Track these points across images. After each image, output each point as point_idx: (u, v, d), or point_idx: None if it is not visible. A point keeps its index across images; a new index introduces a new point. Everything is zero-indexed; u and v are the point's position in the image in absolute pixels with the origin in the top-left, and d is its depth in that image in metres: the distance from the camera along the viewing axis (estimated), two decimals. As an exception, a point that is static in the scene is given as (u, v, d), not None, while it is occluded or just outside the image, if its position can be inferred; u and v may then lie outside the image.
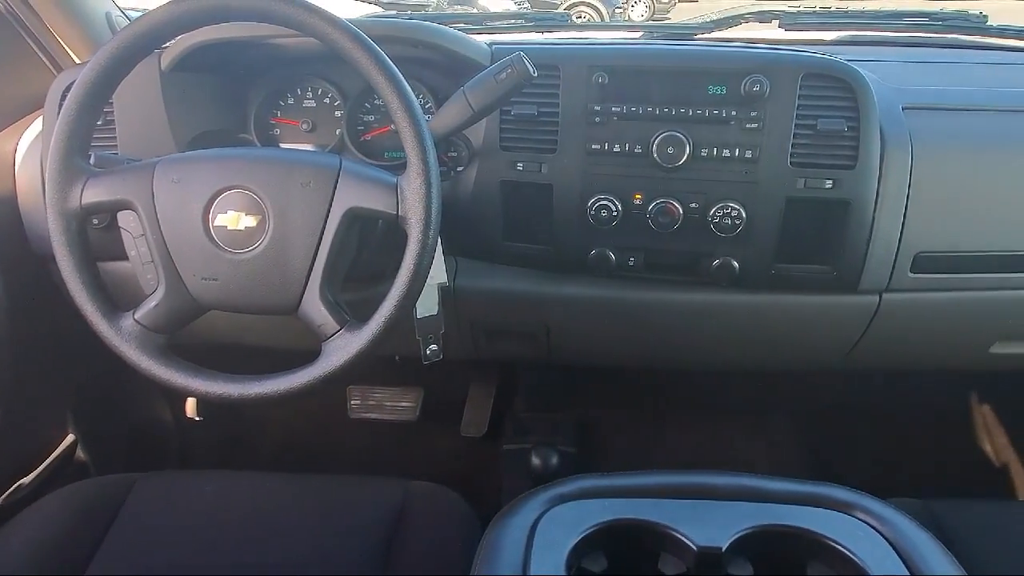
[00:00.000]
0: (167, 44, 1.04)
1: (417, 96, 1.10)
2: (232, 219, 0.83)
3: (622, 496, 0.71)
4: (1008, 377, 1.50)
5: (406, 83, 0.81)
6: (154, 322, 0.86)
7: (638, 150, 0.99)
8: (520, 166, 1.03)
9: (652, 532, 0.67)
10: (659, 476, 0.72)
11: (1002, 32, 1.32)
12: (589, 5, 9.74)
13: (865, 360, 1.18)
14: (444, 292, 1.05)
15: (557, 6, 9.80)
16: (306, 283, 0.84)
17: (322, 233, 0.83)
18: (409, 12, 2.08)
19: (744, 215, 0.97)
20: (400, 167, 0.83)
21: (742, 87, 0.96)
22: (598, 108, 0.99)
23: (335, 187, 0.82)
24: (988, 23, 1.36)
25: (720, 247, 1.01)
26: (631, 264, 1.04)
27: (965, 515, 0.96)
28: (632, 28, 1.51)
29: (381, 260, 0.98)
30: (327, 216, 0.82)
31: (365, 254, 0.97)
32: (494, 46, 1.06)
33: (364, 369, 1.66)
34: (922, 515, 0.96)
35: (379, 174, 0.84)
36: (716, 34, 1.49)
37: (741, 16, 1.50)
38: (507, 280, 1.12)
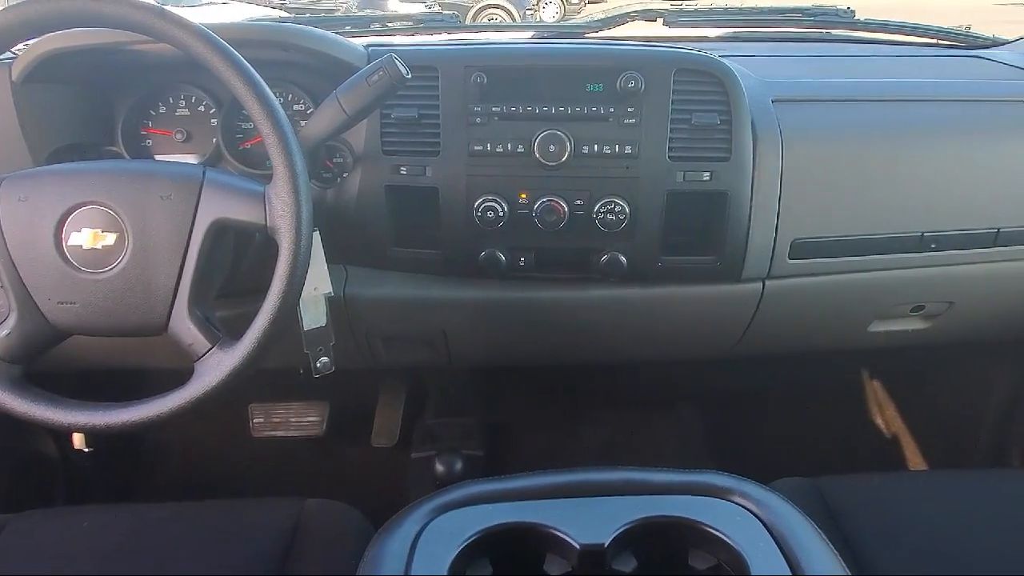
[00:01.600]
0: (15, 54, 0.97)
1: (296, 101, 1.08)
2: (88, 237, 0.78)
3: (508, 500, 0.70)
4: (891, 352, 1.57)
5: (266, 87, 0.78)
6: (7, 352, 0.80)
7: (520, 149, 0.98)
8: (404, 170, 1.01)
9: (536, 534, 0.66)
10: (545, 477, 0.72)
11: (866, 25, 1.38)
12: (500, 7, 9.79)
13: (756, 345, 1.22)
14: (333, 302, 1.02)
15: (468, 8, 9.80)
16: (173, 301, 0.80)
17: (187, 248, 0.79)
18: (309, 15, 2.03)
19: (628, 210, 0.98)
20: None
21: (618, 84, 0.97)
22: (478, 108, 0.99)
23: (198, 199, 0.79)
24: (856, 17, 1.43)
25: (607, 242, 1.02)
26: (522, 264, 1.04)
27: (851, 490, 1.00)
28: (523, 29, 1.52)
29: (262, 272, 0.94)
30: (191, 230, 0.79)
31: (244, 267, 0.94)
32: (370, 48, 1.04)
33: (266, 386, 1.60)
34: (810, 493, 0.99)
35: (245, 184, 0.81)
36: (604, 33, 1.51)
37: (627, 14, 1.53)
38: (399, 286, 1.10)
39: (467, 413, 1.58)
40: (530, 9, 9.97)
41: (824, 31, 1.45)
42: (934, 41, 1.42)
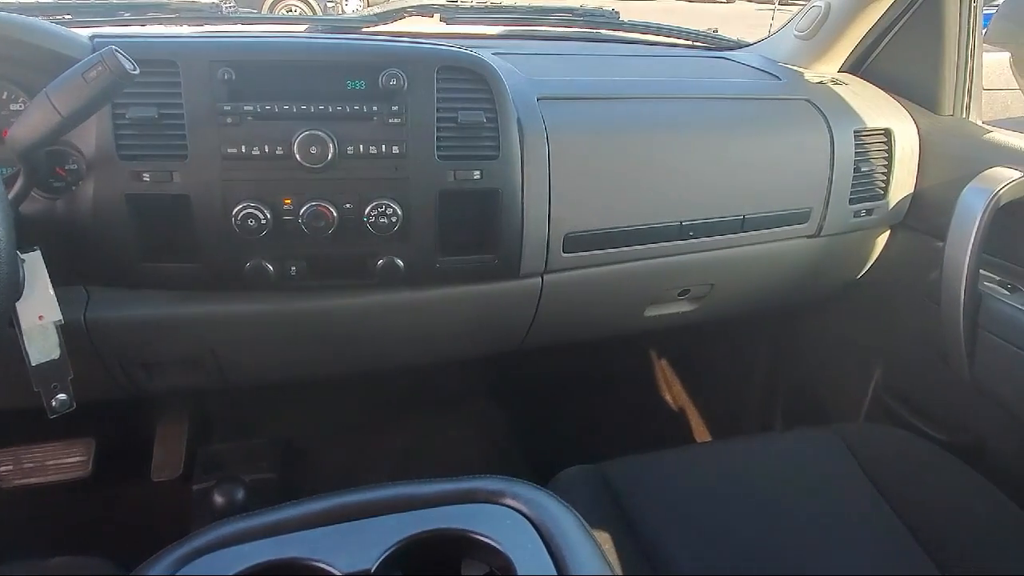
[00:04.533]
0: None
1: (13, 99, 0.93)
2: None
3: (266, 535, 0.64)
4: (672, 333, 1.69)
5: None
6: None
7: (279, 151, 0.92)
8: (147, 176, 0.90)
9: (296, 569, 0.61)
10: (304, 505, 0.67)
11: (630, 26, 1.46)
12: (299, -2, 9.37)
13: (544, 337, 1.25)
14: (70, 330, 0.89)
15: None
16: None
17: None
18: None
19: (400, 212, 0.95)
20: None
21: (380, 81, 0.93)
22: (228, 107, 0.91)
23: None
24: (619, 19, 1.50)
25: (382, 247, 0.98)
26: (293, 274, 0.98)
27: (632, 471, 1.05)
28: (295, 22, 1.44)
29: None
30: None
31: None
32: (96, 39, 0.92)
33: (13, 428, 1.39)
34: (595, 479, 1.03)
35: (-79, 200, 0.67)
36: (382, 28, 1.47)
37: (404, 9, 1.50)
38: (155, 305, 0.99)
39: (257, 433, 1.47)
40: (331, 1, 9.62)
41: (592, 31, 1.51)
42: (688, 42, 1.53)
